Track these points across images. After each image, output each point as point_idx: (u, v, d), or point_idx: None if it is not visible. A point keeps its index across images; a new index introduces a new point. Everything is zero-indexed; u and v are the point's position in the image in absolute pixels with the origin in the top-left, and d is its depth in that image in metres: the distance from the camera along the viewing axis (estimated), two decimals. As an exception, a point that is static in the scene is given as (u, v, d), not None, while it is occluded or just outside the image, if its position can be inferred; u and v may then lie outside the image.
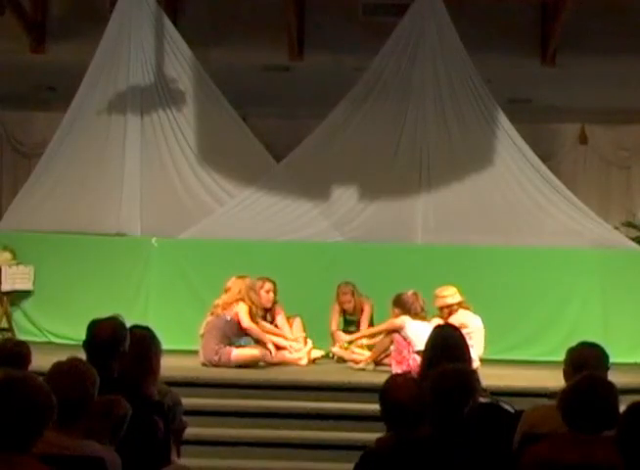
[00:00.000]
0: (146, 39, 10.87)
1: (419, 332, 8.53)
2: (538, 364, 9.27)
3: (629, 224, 13.16)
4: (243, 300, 9.16)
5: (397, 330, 8.86)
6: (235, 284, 9.25)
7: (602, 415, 3.92)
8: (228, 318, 9.13)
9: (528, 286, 10.05)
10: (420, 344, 9.03)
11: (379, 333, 9.21)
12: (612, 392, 4.00)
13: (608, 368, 4.84)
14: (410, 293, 9.05)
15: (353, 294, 9.81)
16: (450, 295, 9.14)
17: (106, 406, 4.09)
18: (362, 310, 9.83)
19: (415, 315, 8.95)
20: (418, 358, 8.77)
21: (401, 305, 9.01)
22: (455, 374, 4.40)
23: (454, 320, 8.81)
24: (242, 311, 9.12)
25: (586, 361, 4.71)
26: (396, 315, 8.99)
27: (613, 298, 10.08)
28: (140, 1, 10.81)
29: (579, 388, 4.00)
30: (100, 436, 4.01)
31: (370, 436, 5.48)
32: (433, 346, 5.33)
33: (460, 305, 9.13)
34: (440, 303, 9.13)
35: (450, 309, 9.10)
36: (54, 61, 11.68)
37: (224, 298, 9.23)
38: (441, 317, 8.97)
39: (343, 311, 9.89)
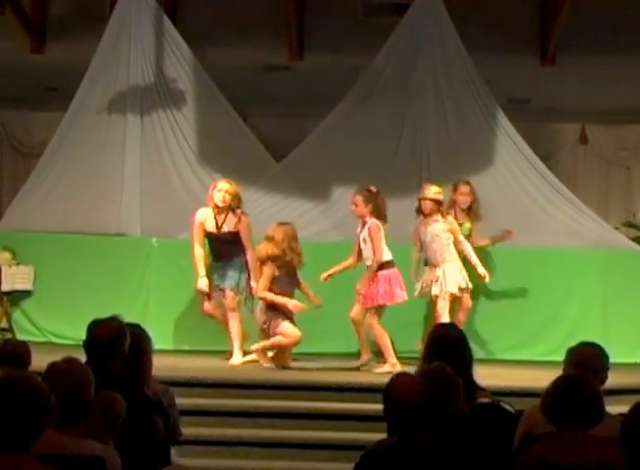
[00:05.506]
0: (146, 39, 10.86)
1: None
2: (538, 364, 9.25)
3: (629, 224, 13.17)
4: (274, 258, 8.81)
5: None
6: (277, 231, 8.90)
7: (584, 412, 3.94)
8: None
9: (528, 286, 10.04)
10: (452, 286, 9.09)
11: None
12: (590, 387, 4.01)
13: (608, 368, 4.84)
14: (377, 190, 8.90)
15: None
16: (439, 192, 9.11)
17: (103, 406, 4.09)
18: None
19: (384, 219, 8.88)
20: (402, 294, 8.85)
21: (376, 205, 8.84)
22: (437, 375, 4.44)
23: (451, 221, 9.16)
24: (264, 276, 8.83)
25: (586, 361, 4.71)
26: (367, 213, 8.79)
27: (613, 298, 10.06)
28: (140, 1, 10.81)
29: (558, 388, 4.03)
30: (100, 435, 4.01)
31: (370, 436, 5.49)
32: (431, 344, 5.31)
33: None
34: (436, 196, 9.07)
35: (440, 209, 9.11)
36: (54, 61, 11.68)
37: (269, 248, 8.85)
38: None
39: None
